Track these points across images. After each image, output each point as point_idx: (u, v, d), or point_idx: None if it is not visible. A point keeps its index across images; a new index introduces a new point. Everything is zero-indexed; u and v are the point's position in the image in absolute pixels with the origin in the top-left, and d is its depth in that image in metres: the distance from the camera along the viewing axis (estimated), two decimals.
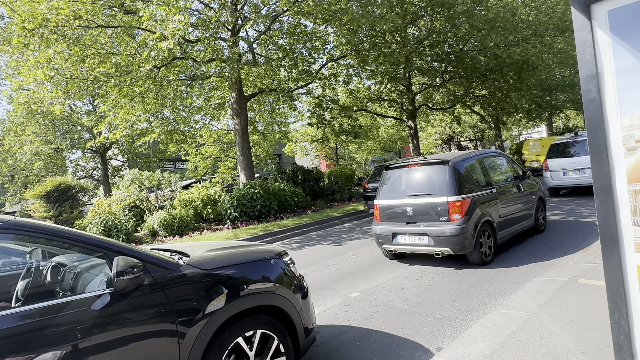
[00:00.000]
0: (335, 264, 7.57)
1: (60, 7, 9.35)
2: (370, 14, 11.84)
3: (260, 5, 13.03)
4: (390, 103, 20.98)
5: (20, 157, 19.32)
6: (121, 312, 2.43)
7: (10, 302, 2.96)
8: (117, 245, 2.63)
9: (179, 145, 17.55)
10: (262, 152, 24.58)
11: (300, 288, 3.54)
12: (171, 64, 11.53)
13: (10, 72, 17.43)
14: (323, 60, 16.31)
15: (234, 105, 14.48)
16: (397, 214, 6.71)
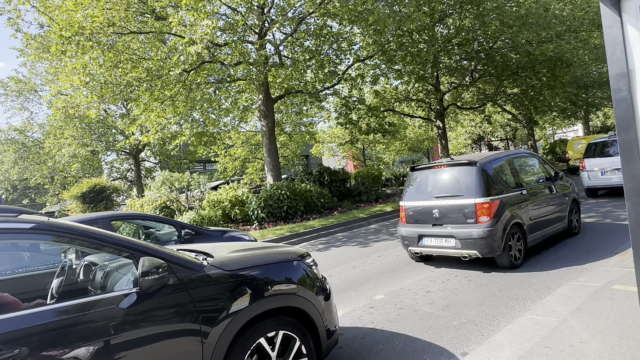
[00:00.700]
0: (361, 265, 7.54)
1: (95, 15, 9.72)
2: (397, 13, 11.74)
3: (287, 8, 13.13)
4: (418, 103, 20.72)
5: (59, 160, 20.19)
6: (146, 310, 2.50)
7: (45, 299, 3.11)
8: (143, 246, 2.71)
9: (209, 147, 17.92)
10: (289, 153, 24.76)
11: (323, 290, 3.55)
12: (200, 68, 11.78)
13: (49, 78, 18.24)
14: (349, 61, 16.29)
15: (261, 107, 14.65)
16: (423, 215, 6.62)
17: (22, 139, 21.14)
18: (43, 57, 13.56)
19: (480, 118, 26.28)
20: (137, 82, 11.09)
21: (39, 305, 3.00)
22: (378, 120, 18.33)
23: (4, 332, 2.09)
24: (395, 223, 12.39)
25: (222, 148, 20.84)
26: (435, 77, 19.19)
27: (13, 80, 20.37)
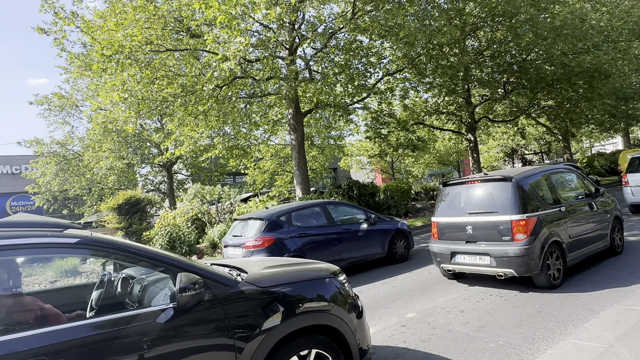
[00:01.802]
0: (391, 282, 7.42)
1: (134, 34, 10.12)
2: (428, 27, 11.69)
3: (317, 24, 13.32)
4: (449, 116, 20.46)
5: (97, 172, 20.95)
6: (183, 325, 2.54)
7: (85, 310, 3.20)
8: (179, 261, 2.76)
9: (239, 160, 18.21)
10: (317, 166, 24.85)
11: (355, 307, 3.51)
12: (232, 83, 12.04)
13: (90, 94, 19.05)
14: (379, 75, 16.30)
15: (291, 121, 14.81)
16: (456, 232, 6.48)
17: (63, 152, 22.05)
18: (85, 74, 14.23)
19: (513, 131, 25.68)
20: (172, 97, 11.43)
21: (79, 317, 3.10)
22: (407, 134, 18.19)
23: (47, 345, 2.16)
24: (425, 238, 12.16)
25: (252, 161, 21.14)
26: (467, 89, 18.93)
27: (56, 96, 21.38)
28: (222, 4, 9.08)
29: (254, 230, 7.88)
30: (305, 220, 8.25)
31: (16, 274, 2.87)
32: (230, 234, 8.52)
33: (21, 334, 2.16)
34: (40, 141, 22.00)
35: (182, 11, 10.90)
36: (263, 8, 9.32)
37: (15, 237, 2.33)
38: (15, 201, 31.43)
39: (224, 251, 8.45)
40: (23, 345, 2.10)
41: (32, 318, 2.63)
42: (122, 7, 10.70)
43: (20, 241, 2.32)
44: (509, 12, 14.02)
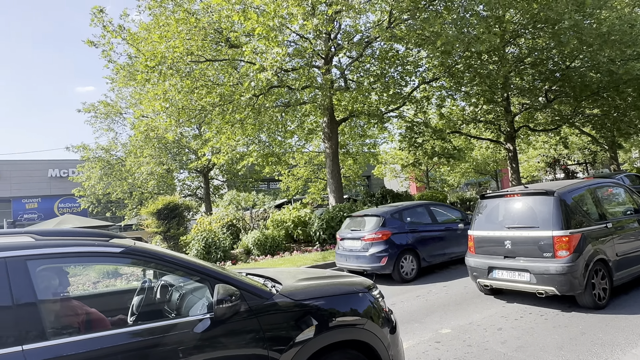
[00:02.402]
0: (425, 295, 7.29)
1: (176, 45, 10.52)
2: (466, 35, 11.50)
3: (353, 33, 13.37)
4: (487, 124, 19.95)
5: (138, 177, 21.78)
6: (219, 336, 2.60)
7: (126, 315, 3.33)
8: (217, 272, 2.82)
9: (274, 167, 18.47)
10: (351, 174, 24.83)
11: (389, 322, 3.47)
12: (268, 92, 12.27)
13: (133, 102, 19.91)
14: (415, 83, 16.16)
15: (325, 129, 14.90)
16: (493, 246, 6.30)
17: (107, 157, 23.09)
18: (129, 84, 14.89)
19: (555, 140, 24.69)
20: (210, 106, 11.77)
21: (121, 321, 3.23)
22: (443, 143, 17.89)
23: (93, 349, 2.26)
24: None
25: (286, 168, 21.39)
26: (506, 98, 18.42)
27: (102, 104, 22.45)
28: (260, 16, 9.30)
29: (371, 225, 9.02)
30: (414, 218, 9.34)
31: (65, 280, 3.03)
32: (347, 228, 9.64)
33: (71, 339, 2.27)
34: (87, 147, 23.14)
35: (222, 23, 11.23)
36: (300, 19, 9.46)
37: (66, 246, 2.47)
38: (63, 203, 33.11)
39: (340, 243, 9.56)
40: (73, 349, 2.20)
41: (80, 322, 2.76)
42: (166, 20, 11.15)
43: (71, 249, 2.46)
44: (552, 18, 13.57)
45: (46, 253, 2.38)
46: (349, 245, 9.19)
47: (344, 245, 9.36)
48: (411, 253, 8.69)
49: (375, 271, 8.57)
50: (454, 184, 35.78)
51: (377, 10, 12.79)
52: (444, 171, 33.53)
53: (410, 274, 8.58)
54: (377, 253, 8.49)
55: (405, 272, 8.54)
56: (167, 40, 10.53)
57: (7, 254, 2.24)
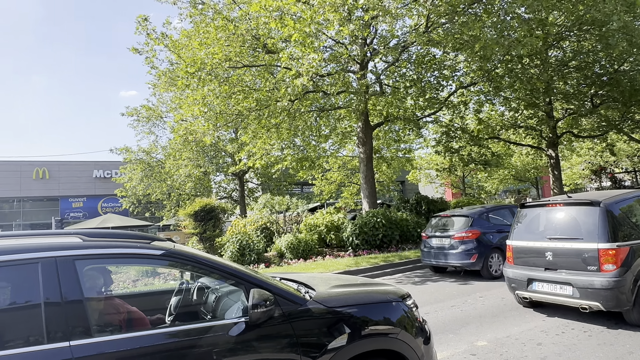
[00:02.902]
0: (460, 305, 7.12)
1: (215, 52, 10.80)
2: (506, 38, 11.19)
3: (389, 38, 13.29)
4: (527, 130, 19.29)
5: (176, 179, 22.45)
6: (253, 340, 2.64)
7: (164, 314, 3.43)
8: (252, 277, 2.87)
9: (308, 171, 18.57)
10: (385, 179, 24.62)
11: (422, 332, 3.42)
12: (304, 97, 12.38)
13: (173, 107, 20.55)
14: (452, 88, 15.87)
15: (359, 134, 14.86)
16: (533, 257, 6.07)
17: (148, 159, 23.92)
18: (170, 89, 15.40)
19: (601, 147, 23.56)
20: (247, 111, 12.00)
21: (159, 320, 3.33)
22: (480, 149, 17.44)
23: (134, 348, 2.35)
24: None
25: (319, 172, 21.46)
26: (548, 103, 17.76)
27: (144, 108, 23.31)
28: (297, 23, 9.41)
29: (460, 224, 9.75)
30: (499, 219, 9.91)
31: (109, 279, 3.17)
32: (435, 227, 10.35)
33: (114, 337, 2.38)
34: (129, 149, 24.07)
35: (260, 29, 11.44)
36: (336, 25, 9.50)
37: (111, 247, 2.58)
38: (106, 203, 34.59)
39: (426, 241, 10.32)
40: (116, 346, 2.30)
41: (122, 320, 2.88)
42: (205, 27, 11.47)
43: (115, 251, 2.58)
44: (599, 20, 12.97)
45: (93, 254, 2.50)
46: (437, 243, 9.98)
47: (431, 243, 10.15)
48: (498, 251, 9.32)
49: (465, 267, 9.33)
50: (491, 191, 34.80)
51: (414, 15, 12.65)
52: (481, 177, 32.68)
53: (497, 271, 9.17)
54: (467, 251, 9.24)
55: (493, 270, 9.23)
56: (207, 47, 10.83)
57: (57, 253, 2.37)
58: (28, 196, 33.33)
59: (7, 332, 2.25)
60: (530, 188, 37.55)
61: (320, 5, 9.33)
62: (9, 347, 2.15)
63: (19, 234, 2.78)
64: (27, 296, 2.30)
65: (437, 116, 17.07)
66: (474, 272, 9.66)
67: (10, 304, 2.36)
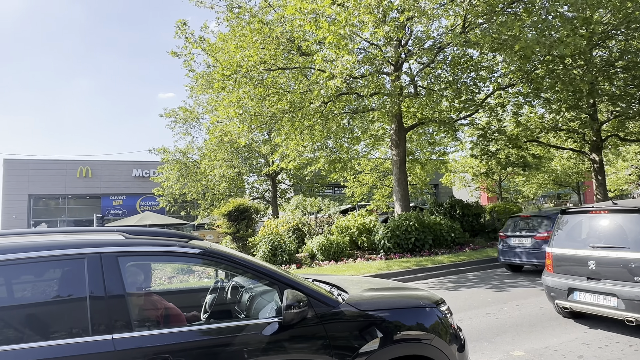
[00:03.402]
0: (496, 312, 6.92)
1: (250, 55, 10.99)
2: (548, 38, 10.80)
3: (424, 39, 13.11)
4: (569, 133, 18.55)
5: (211, 179, 22.94)
6: (286, 340, 2.67)
7: (199, 312, 3.52)
8: (287, 278, 2.90)
9: (340, 173, 18.58)
10: (418, 182, 24.28)
11: (457, 339, 3.35)
12: (337, 99, 12.39)
13: (209, 108, 21.04)
14: (489, 89, 15.47)
15: (393, 136, 14.72)
16: (575, 266, 5.83)
17: (184, 159, 24.56)
18: (207, 91, 15.77)
19: None
20: (280, 113, 12.13)
21: (195, 318, 3.42)
22: (519, 152, 16.90)
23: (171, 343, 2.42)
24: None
25: (351, 174, 21.41)
26: (592, 105, 17.01)
27: (182, 109, 23.96)
28: (331, 25, 9.44)
29: (542, 225, 10.24)
30: None
31: (148, 276, 3.28)
32: (514, 228, 10.86)
33: (153, 331, 2.47)
34: (166, 149, 24.80)
35: (294, 32, 11.55)
36: (371, 27, 9.47)
37: (152, 245, 2.68)
38: (144, 201, 35.81)
39: (505, 241, 10.88)
40: (154, 341, 2.38)
41: (159, 316, 2.97)
42: (241, 30, 11.69)
43: (156, 248, 2.67)
44: None
45: (135, 251, 2.60)
46: (516, 243, 10.53)
47: (510, 242, 10.72)
48: None
49: None
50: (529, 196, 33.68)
51: (451, 15, 12.41)
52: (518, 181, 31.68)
53: None
54: None
55: None
56: (243, 50, 11.04)
57: (102, 249, 2.47)
58: (72, 194, 34.96)
59: (55, 323, 2.37)
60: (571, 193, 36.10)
61: (355, 7, 9.32)
62: (56, 337, 2.27)
63: (66, 230, 2.93)
64: (73, 289, 2.42)
65: (473, 118, 16.69)
66: None
67: (59, 297, 2.48)
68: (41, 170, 33.54)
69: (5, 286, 2.40)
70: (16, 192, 32.52)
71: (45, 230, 2.86)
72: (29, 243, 2.44)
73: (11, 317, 2.35)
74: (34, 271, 2.44)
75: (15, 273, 2.39)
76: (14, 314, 2.37)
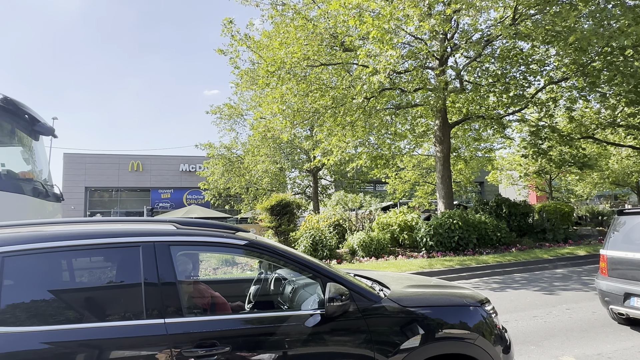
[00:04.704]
0: (544, 316, 6.65)
1: (294, 51, 11.11)
2: (606, 28, 10.17)
3: (472, 32, 12.72)
4: (628, 129, 17.41)
5: (254, 174, 23.44)
6: (328, 332, 2.70)
7: (244, 302, 3.63)
8: (329, 271, 2.93)
9: (382, 170, 18.43)
10: (462, 179, 23.66)
11: (502, 340, 3.26)
12: (380, 95, 12.28)
13: (253, 105, 21.46)
14: (540, 83, 14.78)
15: (437, 132, 14.42)
16: (632, 270, 5.50)
17: (229, 155, 25.23)
18: (251, 88, 16.12)
19: None
20: (323, 109, 12.19)
21: (239, 307, 3.53)
22: (573, 150, 16.05)
23: (217, 330, 2.52)
24: (589, 271, 10.61)
25: (393, 170, 21.17)
26: None
27: (226, 106, 24.60)
28: (375, 19, 9.35)
29: None
30: None
31: (197, 265, 3.42)
32: None
33: (201, 318, 2.59)
34: (212, 145, 25.55)
35: (337, 28, 11.55)
36: (416, 20, 9.30)
37: (201, 235, 2.79)
38: (190, 195, 37.12)
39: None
40: (202, 327, 2.49)
41: (206, 303, 3.10)
42: (285, 27, 11.83)
43: (205, 239, 2.78)
44: None
45: (185, 240, 2.73)
46: None
47: None
48: None
49: None
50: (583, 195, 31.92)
51: (500, 7, 11.96)
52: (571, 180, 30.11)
53: None
54: None
55: None
56: (287, 47, 11.17)
57: (155, 238, 2.61)
58: (124, 186, 36.83)
59: (112, 306, 2.54)
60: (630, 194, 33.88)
61: (400, 1, 9.19)
62: (113, 319, 2.43)
63: (122, 219, 3.11)
64: (129, 275, 2.57)
65: (522, 114, 16.03)
66: None
67: (116, 281, 2.65)
68: (96, 164, 35.54)
69: (68, 270, 2.59)
70: (74, 184, 34.64)
71: (105, 220, 3.05)
72: (91, 230, 2.62)
73: (73, 298, 2.54)
74: (95, 256, 2.62)
75: (78, 258, 2.57)
76: (76, 296, 2.55)
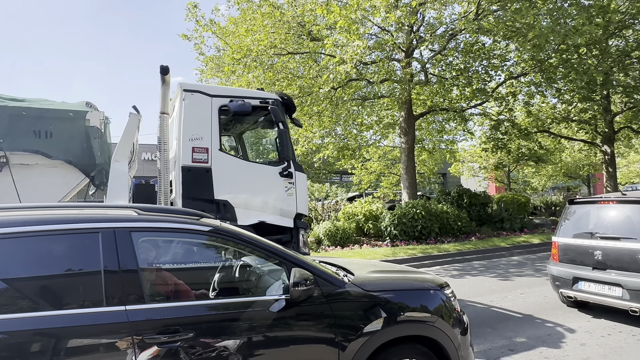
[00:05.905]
0: (500, 300, 6.97)
1: (261, 39, 10.96)
2: (563, 26, 10.62)
3: (437, 25, 12.95)
4: (581, 124, 18.33)
5: None
6: (292, 317, 2.74)
7: (208, 290, 3.60)
8: (294, 257, 2.96)
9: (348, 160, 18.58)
10: (426, 170, 24.20)
11: (460, 322, 3.40)
12: (347, 85, 12.34)
13: None
14: (501, 78, 15.28)
15: (402, 124, 14.66)
16: (581, 256, 5.84)
17: None
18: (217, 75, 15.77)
19: None
20: None
21: (204, 295, 3.49)
22: (530, 143, 16.74)
23: (181, 317, 2.50)
24: (542, 258, 11.16)
25: (359, 161, 21.37)
26: (606, 96, 16.75)
27: None
28: (342, 9, 9.36)
29: None
30: None
31: (159, 252, 3.35)
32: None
33: (163, 305, 2.56)
34: None
35: (305, 16, 11.48)
36: (383, 12, 9.38)
37: (163, 221, 2.74)
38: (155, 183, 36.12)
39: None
40: (165, 314, 2.47)
41: (169, 291, 3.05)
42: (252, 14, 11.64)
43: (167, 225, 2.74)
44: None
45: (146, 226, 2.67)
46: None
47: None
48: None
49: None
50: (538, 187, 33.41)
51: (464, 2, 12.25)
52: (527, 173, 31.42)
53: None
54: None
55: None
56: (253, 34, 11.02)
57: (115, 224, 2.54)
58: None
59: (71, 294, 2.46)
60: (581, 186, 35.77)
61: None
62: (72, 307, 2.36)
63: (83, 205, 3.00)
64: (88, 263, 2.49)
65: (483, 108, 16.53)
66: None
67: (75, 269, 2.56)
68: None
69: (23, 257, 2.48)
70: None
71: (63, 205, 2.94)
72: (48, 216, 2.52)
73: (27, 287, 2.44)
74: (51, 244, 2.51)
75: (32, 245, 2.47)
76: (31, 284, 2.45)
